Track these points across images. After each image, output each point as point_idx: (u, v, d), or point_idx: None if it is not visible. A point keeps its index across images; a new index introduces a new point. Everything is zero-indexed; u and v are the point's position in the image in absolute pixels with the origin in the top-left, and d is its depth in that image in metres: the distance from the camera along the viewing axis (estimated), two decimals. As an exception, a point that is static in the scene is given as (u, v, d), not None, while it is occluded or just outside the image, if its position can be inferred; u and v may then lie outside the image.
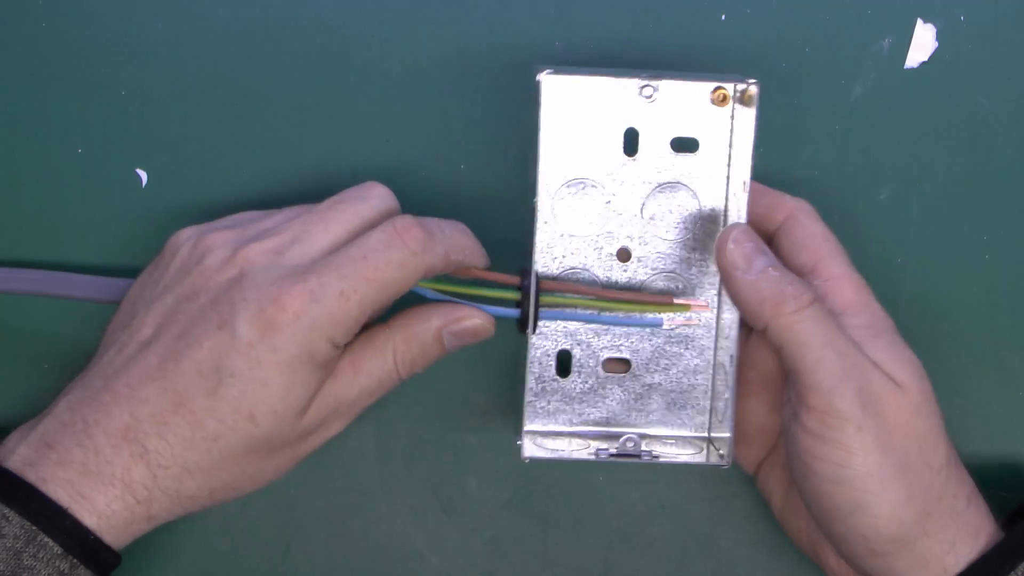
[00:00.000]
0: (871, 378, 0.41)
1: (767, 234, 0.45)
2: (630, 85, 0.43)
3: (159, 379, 0.41)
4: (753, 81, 0.43)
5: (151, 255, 0.49)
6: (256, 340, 0.40)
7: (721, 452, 0.45)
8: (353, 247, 0.42)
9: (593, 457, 0.45)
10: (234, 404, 0.40)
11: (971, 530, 0.42)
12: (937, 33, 0.49)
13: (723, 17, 0.49)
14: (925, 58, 0.49)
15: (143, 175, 0.50)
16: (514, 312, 0.44)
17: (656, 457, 0.45)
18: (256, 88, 0.50)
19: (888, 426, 0.41)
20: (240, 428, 0.40)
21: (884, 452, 0.40)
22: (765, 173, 0.49)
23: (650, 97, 0.43)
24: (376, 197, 0.44)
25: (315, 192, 0.49)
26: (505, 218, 0.47)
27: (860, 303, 0.43)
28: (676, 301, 0.45)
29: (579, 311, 0.45)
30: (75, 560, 0.39)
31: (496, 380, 0.48)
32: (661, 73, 0.43)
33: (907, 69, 0.49)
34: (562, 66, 0.43)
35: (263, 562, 0.50)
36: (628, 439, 0.46)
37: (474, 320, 0.44)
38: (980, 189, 0.49)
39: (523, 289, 0.44)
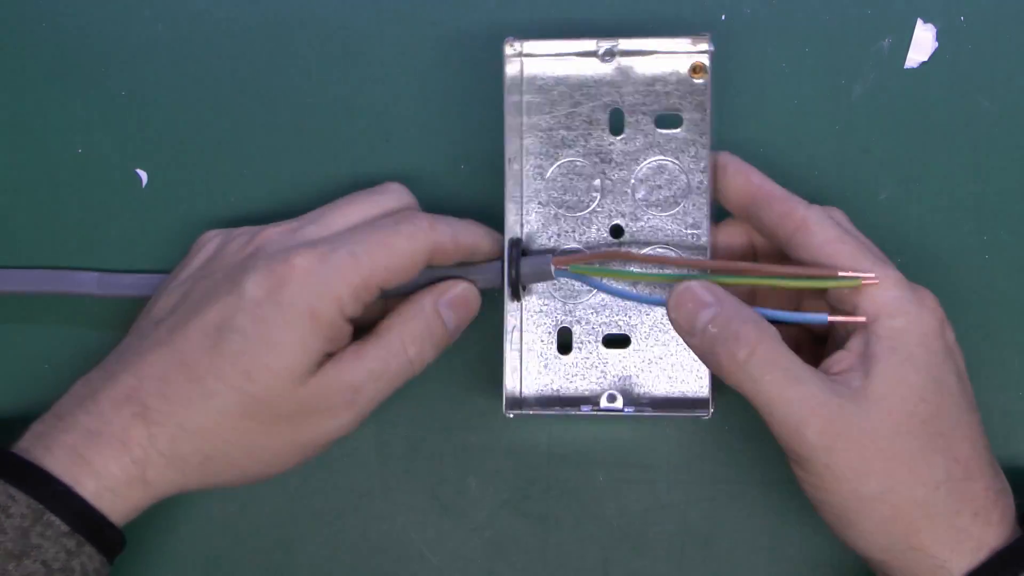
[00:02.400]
0: (838, 410, 0.40)
1: (780, 245, 0.44)
2: (588, 45, 0.45)
3: (167, 344, 0.42)
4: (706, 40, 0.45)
5: (151, 255, 0.49)
6: (263, 298, 0.41)
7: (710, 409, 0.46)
8: (365, 224, 0.44)
9: (576, 411, 0.46)
10: (232, 360, 0.41)
11: (972, 545, 0.40)
12: (937, 33, 0.49)
13: (723, 17, 0.49)
14: (925, 58, 0.49)
15: (143, 175, 0.50)
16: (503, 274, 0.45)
17: (641, 409, 0.46)
18: (256, 88, 0.50)
19: (863, 454, 0.40)
20: (236, 385, 0.41)
21: (860, 480, 0.40)
22: (766, 173, 0.49)
23: (611, 59, 0.45)
24: (393, 191, 0.46)
25: (315, 191, 0.49)
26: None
27: (893, 305, 0.42)
28: (841, 274, 0.42)
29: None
30: (81, 538, 0.40)
31: (497, 381, 0.48)
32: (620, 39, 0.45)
33: (907, 69, 0.49)
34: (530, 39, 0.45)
35: (263, 562, 0.50)
36: (610, 395, 0.46)
37: (459, 286, 0.45)
38: (980, 189, 0.49)
39: (509, 257, 0.45)
